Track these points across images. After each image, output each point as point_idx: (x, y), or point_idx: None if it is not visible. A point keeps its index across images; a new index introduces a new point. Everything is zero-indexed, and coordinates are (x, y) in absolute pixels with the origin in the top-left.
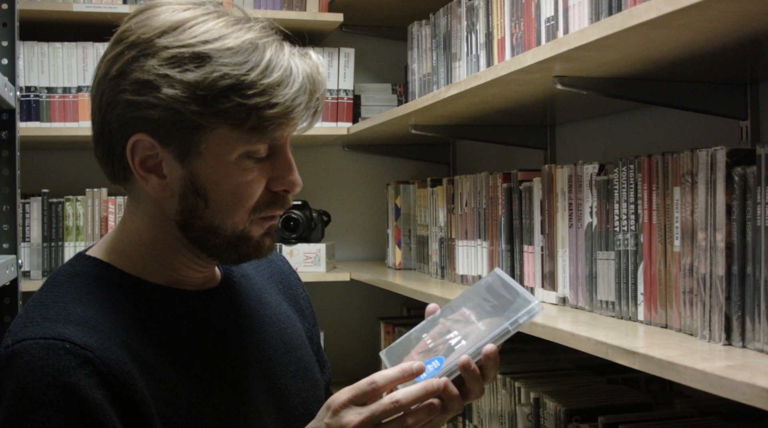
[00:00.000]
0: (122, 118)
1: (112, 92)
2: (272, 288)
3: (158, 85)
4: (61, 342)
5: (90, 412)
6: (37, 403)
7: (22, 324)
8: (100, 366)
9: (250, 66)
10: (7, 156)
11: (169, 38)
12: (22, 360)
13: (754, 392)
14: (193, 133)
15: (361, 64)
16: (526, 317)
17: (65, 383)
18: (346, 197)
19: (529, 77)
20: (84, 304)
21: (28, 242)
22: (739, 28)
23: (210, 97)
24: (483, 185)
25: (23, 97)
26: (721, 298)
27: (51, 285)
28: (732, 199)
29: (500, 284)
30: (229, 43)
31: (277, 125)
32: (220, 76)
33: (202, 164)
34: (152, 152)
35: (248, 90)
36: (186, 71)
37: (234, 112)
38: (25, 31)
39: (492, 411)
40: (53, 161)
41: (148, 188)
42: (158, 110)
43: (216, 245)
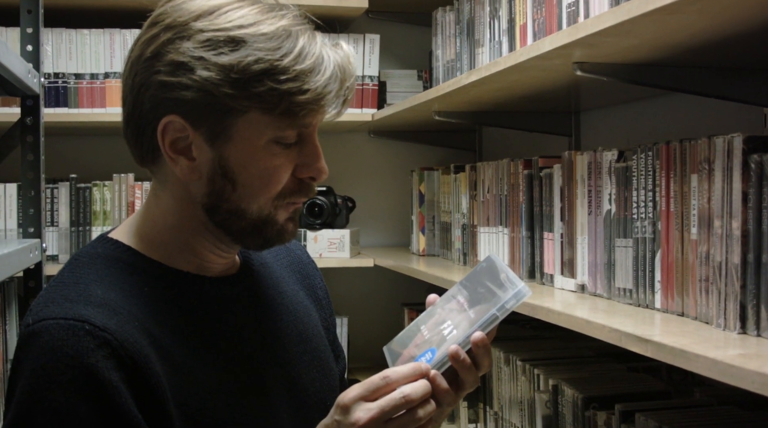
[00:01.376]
0: (155, 99)
1: (146, 73)
2: (290, 277)
3: (193, 67)
4: (81, 323)
5: (106, 394)
6: (55, 383)
7: (43, 303)
8: (118, 348)
9: (284, 52)
10: (32, 142)
11: (204, 22)
12: (42, 340)
13: (764, 380)
14: (224, 116)
15: (387, 51)
16: (513, 301)
17: (83, 364)
18: (371, 183)
19: (548, 64)
20: (104, 286)
21: (56, 226)
22: (757, 14)
23: (243, 80)
24: (504, 171)
25: (51, 84)
26: (736, 286)
27: (72, 266)
28: (748, 186)
29: (493, 270)
30: (264, 29)
31: (307, 110)
32: (254, 60)
33: (231, 148)
34: (183, 134)
35: (281, 75)
36: (221, 54)
37: (266, 96)
38: (53, 18)
39: (512, 397)
40: (81, 147)
41: (176, 170)
42: (191, 91)
43: (241, 228)
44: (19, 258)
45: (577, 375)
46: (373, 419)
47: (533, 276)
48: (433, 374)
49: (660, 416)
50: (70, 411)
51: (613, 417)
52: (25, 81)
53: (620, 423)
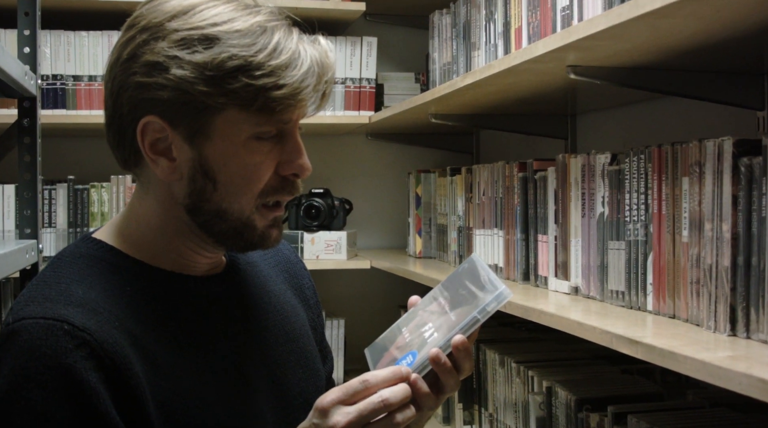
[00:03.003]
0: (133, 100)
1: (123, 75)
2: (278, 277)
3: (167, 66)
4: (60, 323)
5: (84, 394)
6: (33, 382)
7: (24, 302)
8: (97, 349)
9: (258, 48)
10: (29, 143)
11: (178, 22)
12: (21, 339)
13: (750, 382)
14: (201, 114)
15: (385, 53)
16: (495, 303)
17: (62, 364)
18: (368, 185)
19: (542, 67)
20: (86, 285)
21: (54, 227)
22: (749, 17)
23: (218, 77)
24: (500, 174)
25: (49, 85)
26: (726, 289)
27: (55, 266)
28: (738, 189)
29: (474, 272)
30: (238, 26)
31: (285, 106)
32: (228, 56)
33: (211, 146)
34: (162, 135)
35: (256, 71)
36: (195, 53)
37: (242, 92)
38: (51, 20)
39: (507, 399)
40: (79, 148)
41: (157, 171)
42: (167, 90)
43: (222, 230)
44: (14, 259)
45: (571, 376)
46: (351, 422)
47: (528, 278)
48: (414, 377)
49: (652, 418)
50: (48, 412)
51: (606, 419)
52: (22, 83)
53: (613, 425)
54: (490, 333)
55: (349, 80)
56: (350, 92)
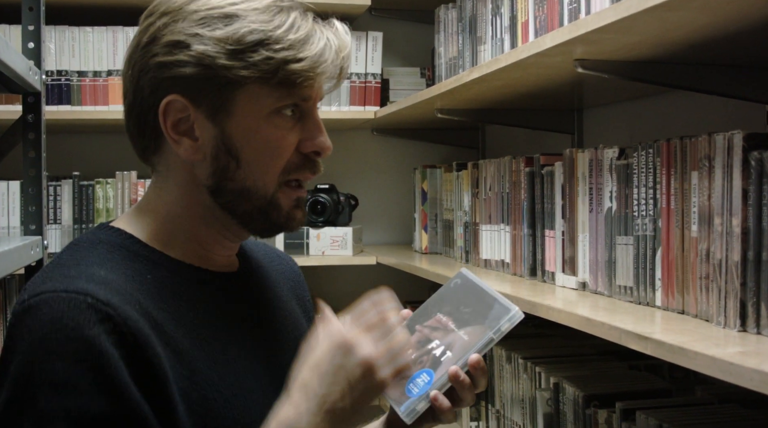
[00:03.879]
0: (154, 81)
1: (144, 59)
2: (284, 284)
3: (189, 43)
4: (84, 296)
5: (107, 368)
6: (55, 354)
7: (41, 281)
8: (120, 324)
9: (277, 23)
10: (33, 139)
11: (197, 4)
12: (41, 312)
13: (762, 378)
14: (223, 89)
15: (391, 48)
16: (508, 324)
17: (84, 336)
18: (374, 181)
19: (549, 61)
20: (106, 268)
21: (59, 223)
22: (758, 10)
23: (239, 51)
24: (506, 169)
25: (54, 81)
26: (736, 284)
27: (72, 250)
28: (748, 183)
29: (471, 288)
30: (256, 4)
31: (305, 78)
32: (248, 31)
33: (233, 122)
34: (184, 115)
35: (276, 44)
36: (216, 29)
37: (262, 65)
38: (56, 16)
39: (514, 395)
40: (84, 144)
41: (180, 151)
42: (190, 67)
43: (247, 211)
44: (19, 255)
45: (579, 373)
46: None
47: (534, 274)
48: (434, 394)
49: (661, 414)
50: (71, 383)
51: (614, 416)
52: (27, 78)
53: (621, 422)
54: None
55: (354, 75)
56: (356, 87)
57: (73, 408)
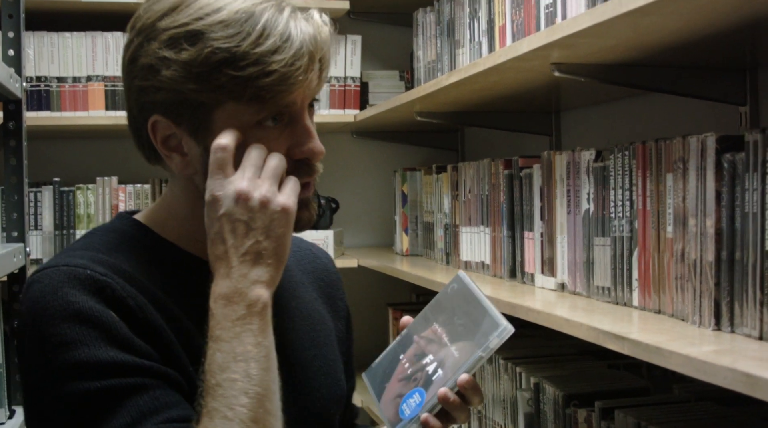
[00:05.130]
0: (138, 102)
1: (128, 80)
2: (311, 284)
3: (159, 69)
4: (82, 269)
5: (109, 324)
6: (59, 318)
7: (46, 264)
8: (118, 290)
9: (242, 37)
10: (15, 146)
11: (168, 20)
12: (42, 283)
13: (735, 376)
14: (199, 110)
15: (370, 51)
16: (497, 340)
17: (83, 300)
18: (355, 184)
19: (526, 65)
20: (113, 255)
21: (40, 230)
22: (729, 15)
23: (205, 73)
24: (486, 171)
25: (33, 87)
26: (710, 284)
27: (86, 236)
28: (721, 185)
29: (466, 295)
30: (222, 17)
31: (276, 92)
32: (211, 51)
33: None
34: (171, 132)
35: (241, 61)
36: (181, 51)
37: (230, 85)
38: (35, 21)
39: (495, 396)
40: (64, 150)
41: (172, 166)
42: (162, 92)
43: None
44: (2, 263)
45: (559, 372)
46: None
47: (514, 275)
48: (425, 416)
49: (639, 412)
50: (78, 339)
51: (594, 414)
52: (7, 86)
53: (600, 420)
54: None
55: (333, 79)
56: (335, 91)
57: (86, 359)
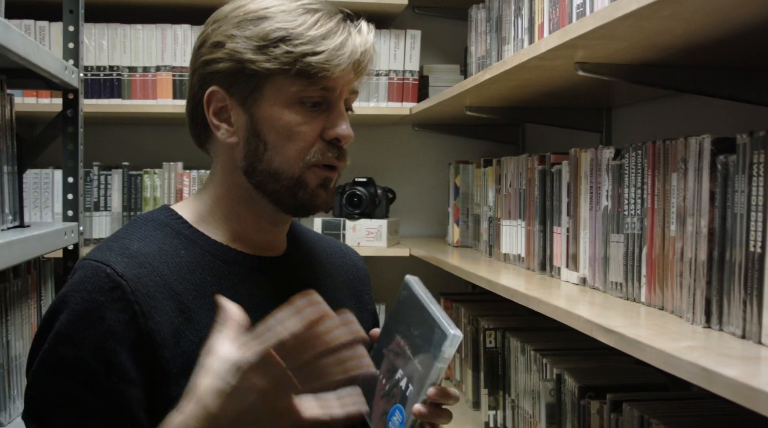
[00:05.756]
0: (201, 76)
1: (195, 58)
2: (338, 277)
3: (225, 43)
4: (105, 266)
5: (102, 329)
6: (67, 309)
7: (96, 248)
8: (129, 294)
9: (300, 22)
10: (72, 132)
11: (239, 11)
12: (77, 274)
13: (695, 370)
14: (251, 79)
15: (433, 45)
16: (450, 350)
17: (95, 299)
18: (414, 175)
19: (550, 64)
20: (145, 243)
21: (109, 211)
22: (729, 18)
23: (264, 46)
24: (524, 166)
25: (106, 76)
26: (702, 282)
27: (130, 223)
28: (715, 186)
29: (415, 302)
30: (285, 7)
31: (320, 70)
32: (272, 29)
33: (260, 109)
34: (223, 104)
35: (296, 40)
36: (247, 30)
37: (283, 58)
38: (109, 14)
39: (525, 385)
40: (133, 136)
41: (219, 135)
42: (224, 62)
43: (276, 190)
44: (54, 239)
45: (584, 365)
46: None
47: (544, 269)
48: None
49: (644, 406)
50: (70, 333)
51: (605, 406)
52: (63, 77)
53: (610, 412)
54: (518, 321)
55: (392, 72)
56: (393, 84)
57: (66, 356)
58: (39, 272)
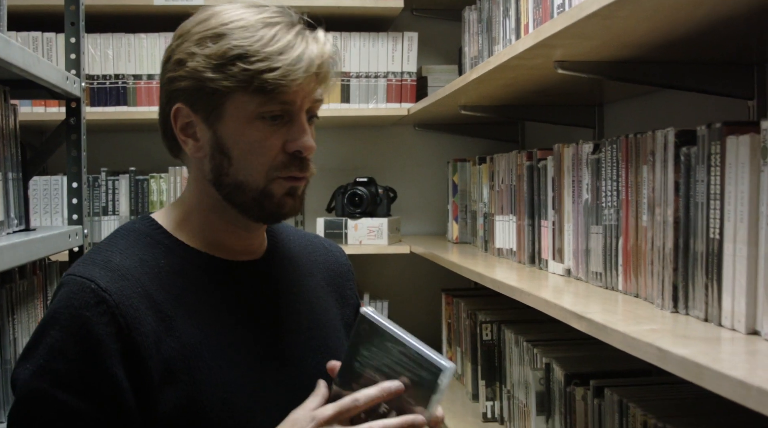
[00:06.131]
0: (167, 93)
1: (163, 74)
2: (319, 274)
3: (186, 61)
4: (90, 282)
5: (92, 342)
6: (59, 324)
7: (79, 261)
8: (113, 307)
9: (256, 39)
10: (75, 139)
11: (200, 26)
12: (63, 290)
13: (651, 350)
14: (213, 97)
15: (431, 46)
16: (447, 380)
17: (82, 315)
18: (415, 174)
19: (530, 63)
20: (127, 256)
21: (117, 214)
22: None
23: (221, 65)
24: (514, 163)
25: (112, 84)
26: (669, 269)
27: (111, 236)
28: (679, 177)
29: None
30: (242, 24)
31: (277, 86)
32: (230, 47)
33: (224, 126)
34: (188, 119)
35: (252, 57)
36: (206, 47)
37: (240, 76)
38: (113, 24)
39: (519, 376)
40: (139, 142)
41: (187, 150)
42: (186, 80)
43: (243, 201)
44: (58, 241)
45: (573, 354)
46: None
47: (533, 261)
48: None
49: (624, 391)
50: (63, 349)
51: (588, 392)
52: (65, 87)
53: (593, 398)
54: (513, 314)
55: (390, 74)
56: (392, 85)
57: (61, 369)
58: (45, 273)
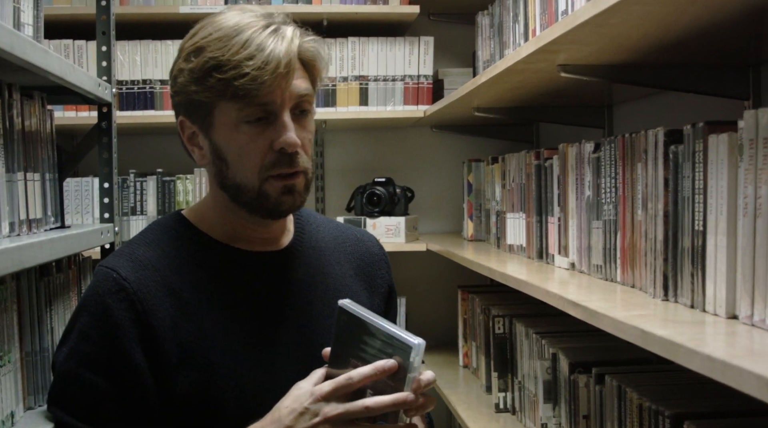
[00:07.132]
0: (173, 106)
1: (170, 87)
2: (347, 263)
3: (177, 77)
4: (113, 271)
5: (113, 327)
6: (86, 310)
7: (111, 254)
8: (132, 294)
9: (228, 48)
10: (107, 142)
11: (190, 41)
12: (94, 279)
13: (635, 332)
14: (202, 109)
15: (448, 50)
16: (418, 358)
17: (105, 301)
18: (432, 174)
19: (534, 67)
20: (151, 247)
21: (145, 214)
22: (677, 21)
23: (201, 78)
24: (523, 162)
25: (140, 89)
26: (660, 260)
27: (143, 230)
28: (668, 173)
29: (361, 323)
30: (219, 35)
31: (250, 90)
32: (206, 60)
33: (216, 134)
34: (191, 130)
35: (225, 67)
36: (189, 62)
37: (217, 86)
38: (141, 31)
39: (530, 367)
40: (166, 145)
41: (195, 158)
42: (180, 95)
43: (246, 201)
44: (90, 238)
45: (578, 345)
46: (339, 415)
47: (541, 256)
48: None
49: (624, 378)
50: (87, 332)
51: (591, 380)
52: (97, 93)
53: (595, 385)
54: (525, 308)
55: (407, 77)
56: (409, 88)
57: (88, 351)
58: (79, 267)
